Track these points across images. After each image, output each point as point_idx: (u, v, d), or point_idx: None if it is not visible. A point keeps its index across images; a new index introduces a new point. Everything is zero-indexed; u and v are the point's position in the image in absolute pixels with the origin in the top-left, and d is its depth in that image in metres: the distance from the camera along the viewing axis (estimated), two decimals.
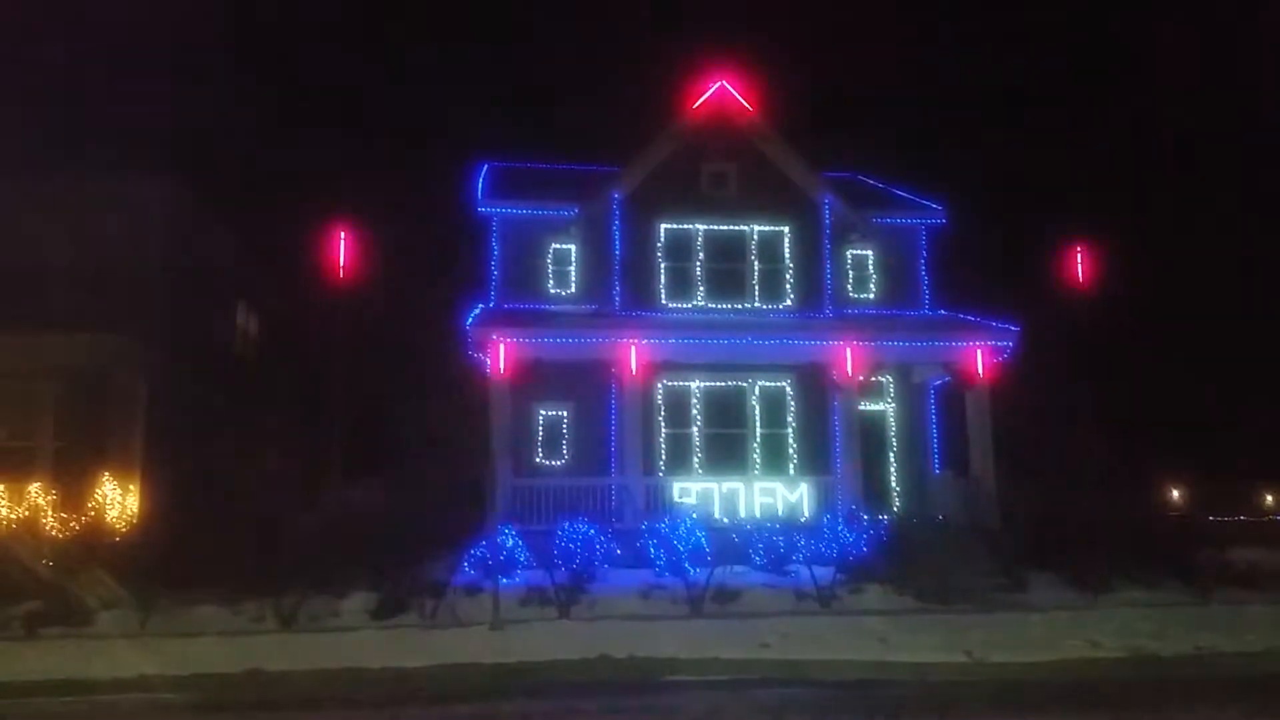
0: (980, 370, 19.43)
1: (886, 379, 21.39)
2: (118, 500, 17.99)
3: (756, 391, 20.66)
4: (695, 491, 18.74)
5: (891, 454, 21.15)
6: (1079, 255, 20.20)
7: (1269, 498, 36.55)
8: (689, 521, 17.15)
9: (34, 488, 17.35)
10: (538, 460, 20.18)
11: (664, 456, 19.97)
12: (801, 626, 12.92)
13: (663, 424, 20.18)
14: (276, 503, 16.37)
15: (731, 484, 18.99)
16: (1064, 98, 63.35)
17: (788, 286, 20.94)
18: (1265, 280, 38.56)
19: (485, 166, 22.75)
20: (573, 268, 21.30)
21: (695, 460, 20.08)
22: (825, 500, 18.78)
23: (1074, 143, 58.47)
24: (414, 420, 21.15)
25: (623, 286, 20.45)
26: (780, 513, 18.35)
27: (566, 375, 19.68)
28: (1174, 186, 48.60)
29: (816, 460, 19.92)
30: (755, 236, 21.07)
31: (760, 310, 20.63)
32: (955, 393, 20.51)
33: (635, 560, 16.39)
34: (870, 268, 22.07)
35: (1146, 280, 36.07)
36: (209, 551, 14.58)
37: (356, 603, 14.57)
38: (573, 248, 21.32)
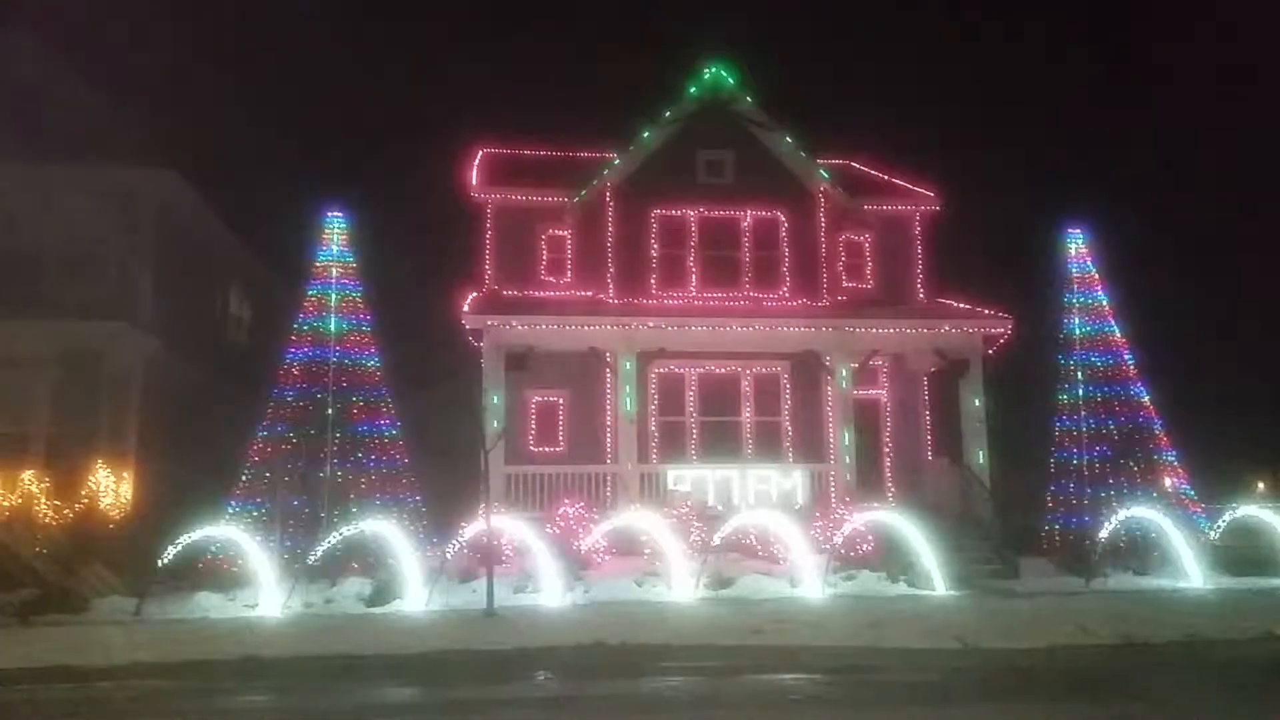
0: (975, 358, 19.47)
1: (881, 366, 21.40)
2: (112, 487, 17.97)
3: (751, 378, 20.67)
4: (689, 478, 18.76)
5: (886, 441, 21.19)
6: (1076, 242, 20.15)
7: (1261, 484, 36.68)
8: (683, 509, 17.24)
9: (27, 475, 17.33)
10: (532, 447, 20.19)
11: (658, 443, 19.98)
12: (795, 613, 12.97)
13: (657, 411, 20.18)
14: (270, 490, 16.36)
15: (726, 471, 19.00)
16: (1064, 86, 63.21)
17: (783, 273, 20.92)
18: (1262, 268, 38.68)
19: (480, 153, 22.67)
20: (568, 254, 21.27)
21: (690, 447, 20.10)
22: (819, 487, 18.84)
23: (1075, 130, 58.38)
24: (407, 406, 21.11)
25: (617, 273, 20.43)
26: (774, 499, 18.40)
27: (561, 362, 19.68)
28: (1171, 178, 48.60)
29: (811, 447, 19.98)
30: (750, 223, 21.03)
31: (755, 297, 20.61)
32: (950, 380, 20.53)
33: (629, 547, 16.42)
34: (866, 255, 22.04)
35: (1144, 267, 36.09)
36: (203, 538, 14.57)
37: (351, 589, 14.63)
38: (568, 234, 21.28)
